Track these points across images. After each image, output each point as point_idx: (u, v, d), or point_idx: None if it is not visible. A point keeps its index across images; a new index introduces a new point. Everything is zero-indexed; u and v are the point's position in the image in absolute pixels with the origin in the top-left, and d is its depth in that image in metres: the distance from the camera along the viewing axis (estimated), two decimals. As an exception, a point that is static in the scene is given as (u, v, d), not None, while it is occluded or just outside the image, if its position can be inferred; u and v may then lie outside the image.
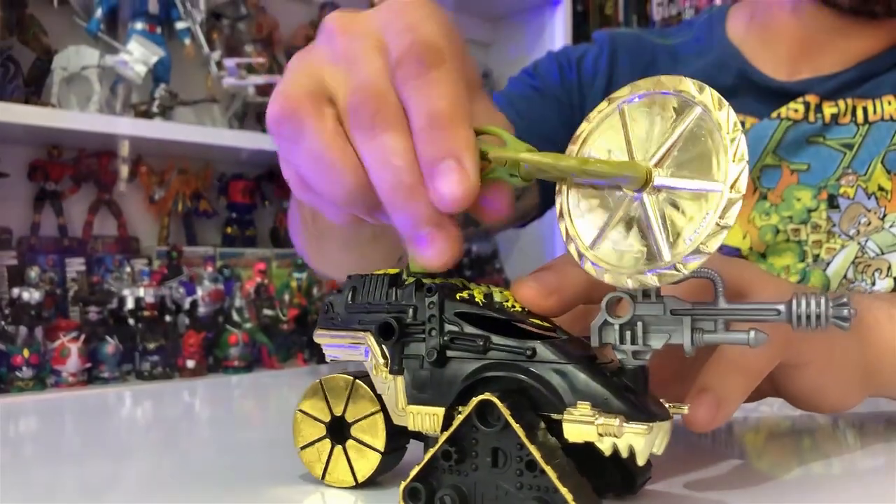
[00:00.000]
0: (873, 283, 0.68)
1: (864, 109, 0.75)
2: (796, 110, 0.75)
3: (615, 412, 0.28)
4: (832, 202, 0.72)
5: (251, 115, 1.91)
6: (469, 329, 0.31)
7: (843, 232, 0.71)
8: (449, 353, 0.31)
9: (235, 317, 1.72)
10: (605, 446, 0.28)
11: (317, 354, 1.89)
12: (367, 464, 0.34)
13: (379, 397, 0.34)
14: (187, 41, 1.75)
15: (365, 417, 0.34)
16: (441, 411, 0.31)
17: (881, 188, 0.70)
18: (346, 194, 0.32)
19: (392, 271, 0.34)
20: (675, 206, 0.27)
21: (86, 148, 1.72)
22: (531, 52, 2.36)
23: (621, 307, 0.29)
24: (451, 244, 0.31)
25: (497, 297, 0.32)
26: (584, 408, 0.28)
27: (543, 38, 2.39)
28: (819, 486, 0.36)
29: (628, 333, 0.29)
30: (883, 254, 0.68)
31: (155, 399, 0.71)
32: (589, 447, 0.29)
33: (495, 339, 0.31)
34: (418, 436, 0.34)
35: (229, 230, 1.94)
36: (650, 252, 0.27)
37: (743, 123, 0.78)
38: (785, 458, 0.42)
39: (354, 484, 0.35)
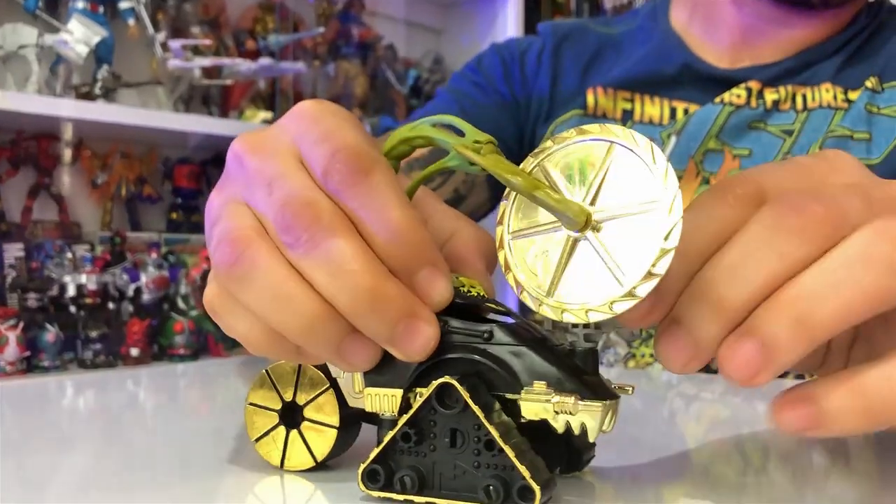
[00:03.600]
0: None
1: (804, 97, 0.76)
2: (739, 95, 0.77)
3: (569, 391, 0.29)
4: None
5: (197, 98, 1.88)
6: None
7: None
8: None
9: (181, 304, 1.69)
10: (558, 424, 0.29)
11: (265, 342, 1.86)
12: (324, 442, 0.35)
13: (331, 379, 0.34)
14: (131, 21, 1.71)
15: (316, 397, 0.35)
16: (399, 393, 0.32)
17: None
18: (308, 325, 0.30)
19: None
20: (619, 237, 0.28)
21: (24, 130, 1.67)
22: (483, 40, 2.36)
23: None
24: (432, 329, 0.30)
25: (454, 283, 0.32)
26: (540, 387, 0.29)
27: (495, 26, 2.39)
28: (756, 477, 0.37)
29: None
30: None
31: (97, 388, 0.69)
32: (539, 427, 0.30)
33: (453, 322, 0.31)
34: (370, 419, 0.34)
35: (174, 216, 1.90)
36: (605, 286, 0.28)
37: (686, 111, 0.79)
38: (724, 446, 0.43)
39: (314, 464, 0.35)
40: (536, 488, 0.28)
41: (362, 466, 0.31)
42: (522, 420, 0.30)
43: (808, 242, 0.28)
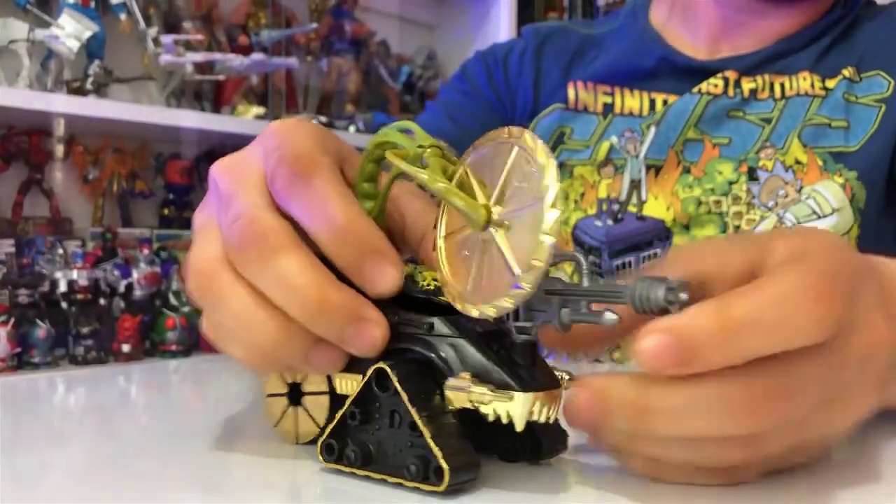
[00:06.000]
0: None
1: (782, 85, 0.77)
2: (716, 85, 0.78)
3: (493, 382, 0.31)
4: (752, 175, 0.74)
5: (189, 93, 1.87)
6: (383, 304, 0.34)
7: (763, 204, 0.73)
8: None
9: (173, 300, 1.68)
10: (488, 412, 0.31)
11: (257, 338, 1.86)
12: (322, 409, 0.37)
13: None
14: (123, 16, 1.70)
15: (315, 394, 0.38)
16: (360, 378, 0.34)
17: (798, 161, 0.73)
18: (274, 342, 0.33)
19: None
20: (515, 233, 0.30)
21: (15, 125, 1.66)
22: (476, 35, 2.35)
23: None
24: (379, 329, 0.33)
25: (417, 278, 0.35)
26: (464, 378, 0.31)
27: (488, 21, 2.39)
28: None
29: (512, 312, 0.31)
30: (799, 223, 0.70)
31: (89, 385, 0.69)
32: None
33: (403, 314, 0.34)
34: None
35: (166, 211, 1.90)
36: (505, 280, 0.30)
37: (665, 101, 0.80)
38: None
39: (295, 442, 0.38)
40: (445, 468, 0.30)
41: (320, 441, 0.34)
42: (452, 407, 0.32)
43: (815, 331, 0.28)
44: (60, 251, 1.59)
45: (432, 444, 0.31)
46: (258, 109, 1.90)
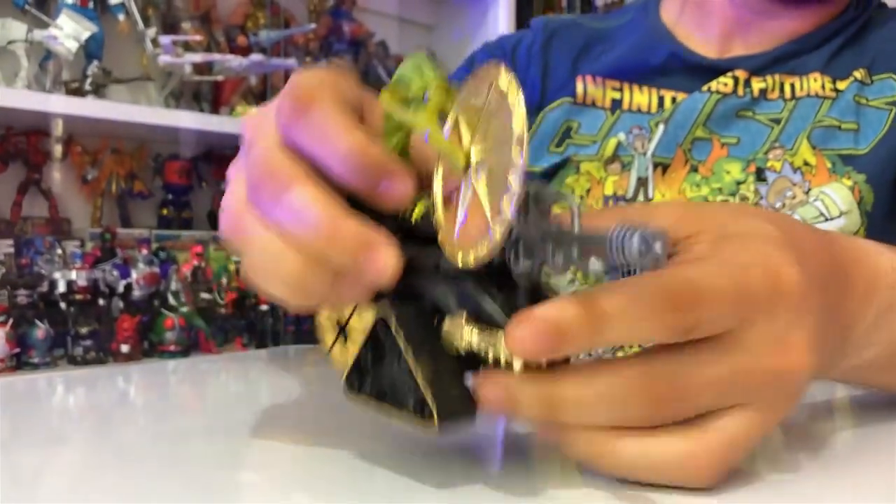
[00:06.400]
0: None
1: (792, 86, 0.77)
2: (726, 84, 0.77)
3: (489, 324, 0.31)
4: (760, 175, 0.74)
5: (188, 93, 1.87)
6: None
7: (770, 205, 0.73)
8: None
9: (171, 300, 1.68)
10: (486, 355, 0.30)
11: (255, 339, 1.87)
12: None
13: None
14: (121, 17, 1.70)
15: (352, 313, 0.38)
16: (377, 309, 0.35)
17: (806, 163, 0.73)
18: (299, 274, 0.33)
19: None
20: (490, 178, 0.30)
21: (13, 126, 1.66)
22: (474, 36, 2.35)
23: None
24: (390, 254, 0.32)
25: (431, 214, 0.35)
26: (459, 319, 0.31)
27: (487, 22, 2.39)
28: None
29: (513, 253, 0.31)
30: None
31: (88, 385, 0.69)
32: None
33: (414, 250, 0.34)
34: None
35: (165, 212, 1.90)
36: (484, 227, 0.29)
37: (674, 99, 0.80)
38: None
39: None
40: (434, 409, 0.31)
41: (344, 375, 0.35)
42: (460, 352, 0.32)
43: (662, 334, 0.30)
44: (59, 251, 1.59)
45: (423, 385, 0.31)
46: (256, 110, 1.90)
